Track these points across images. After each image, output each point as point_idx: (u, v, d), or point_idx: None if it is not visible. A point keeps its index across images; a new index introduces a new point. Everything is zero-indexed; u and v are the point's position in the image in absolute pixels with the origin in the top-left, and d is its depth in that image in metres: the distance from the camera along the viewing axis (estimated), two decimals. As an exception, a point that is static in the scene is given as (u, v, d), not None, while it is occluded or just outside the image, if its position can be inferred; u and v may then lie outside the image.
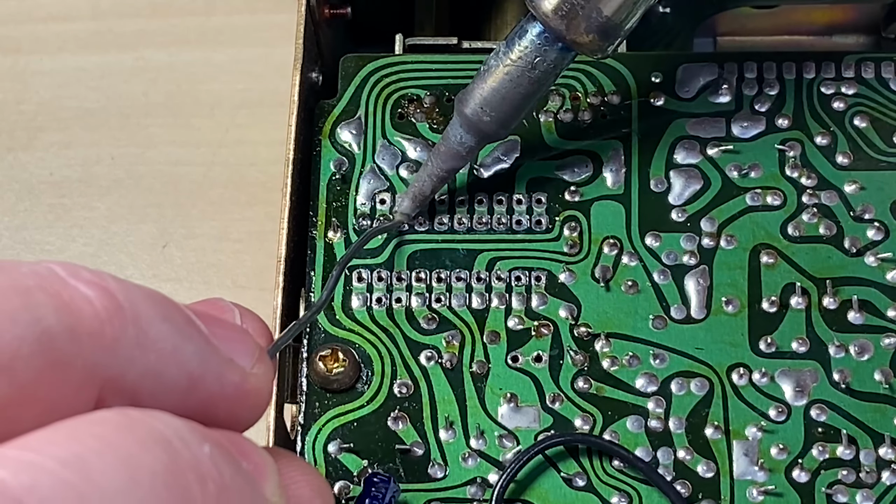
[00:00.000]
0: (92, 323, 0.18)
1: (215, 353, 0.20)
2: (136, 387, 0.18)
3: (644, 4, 0.30)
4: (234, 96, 0.43)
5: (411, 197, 0.33)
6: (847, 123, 0.34)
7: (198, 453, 0.17)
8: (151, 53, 0.44)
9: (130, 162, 0.42)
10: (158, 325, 0.19)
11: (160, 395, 0.19)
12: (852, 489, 0.30)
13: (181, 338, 0.19)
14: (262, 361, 0.21)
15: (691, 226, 0.33)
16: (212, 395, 0.20)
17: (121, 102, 0.43)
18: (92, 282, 0.18)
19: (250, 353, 0.20)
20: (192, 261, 0.41)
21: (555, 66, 0.31)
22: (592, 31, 0.29)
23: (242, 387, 0.20)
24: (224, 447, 0.18)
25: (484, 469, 0.31)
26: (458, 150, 0.32)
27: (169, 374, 0.19)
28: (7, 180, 0.42)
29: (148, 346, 0.18)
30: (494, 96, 0.31)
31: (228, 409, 0.20)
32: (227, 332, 0.20)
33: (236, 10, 0.44)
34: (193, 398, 0.19)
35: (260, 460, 0.19)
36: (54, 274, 0.18)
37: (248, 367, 0.20)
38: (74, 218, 0.41)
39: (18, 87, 0.43)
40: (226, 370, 0.20)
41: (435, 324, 0.32)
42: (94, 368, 0.18)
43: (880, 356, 0.31)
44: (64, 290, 0.18)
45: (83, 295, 0.18)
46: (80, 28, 0.44)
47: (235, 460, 0.18)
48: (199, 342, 0.19)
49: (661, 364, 0.31)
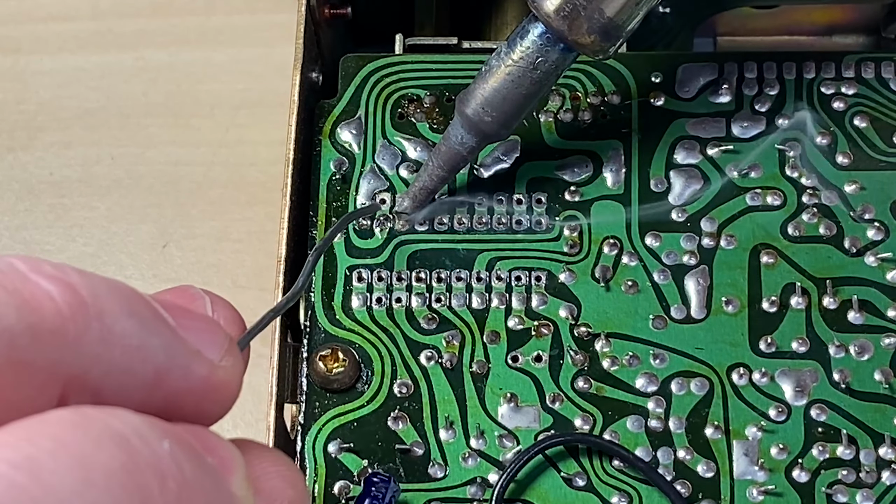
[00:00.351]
0: (54, 320, 0.17)
1: (182, 346, 0.19)
2: (101, 383, 0.18)
3: (646, 6, 0.30)
4: (234, 96, 0.43)
5: (411, 197, 0.33)
6: (847, 123, 0.34)
7: (157, 450, 0.17)
8: (151, 53, 0.44)
9: (130, 162, 0.42)
10: (124, 321, 0.18)
11: (125, 391, 0.18)
12: (852, 489, 0.30)
13: (147, 332, 0.19)
14: (232, 353, 0.20)
15: (691, 226, 0.33)
16: (178, 388, 0.19)
17: (121, 102, 0.43)
18: (54, 277, 0.18)
19: (219, 344, 0.20)
20: (192, 261, 0.41)
21: (556, 67, 0.31)
22: (594, 31, 0.29)
23: (210, 380, 0.19)
24: (186, 442, 0.17)
25: (484, 469, 0.31)
26: (459, 151, 0.32)
27: (134, 370, 0.18)
28: (7, 180, 0.42)
29: (113, 342, 0.18)
30: (496, 96, 0.31)
31: (195, 402, 0.19)
32: (195, 322, 0.20)
33: (236, 10, 0.44)
34: (159, 392, 0.19)
35: (226, 454, 0.19)
36: (14, 269, 0.17)
37: (217, 360, 0.20)
38: (74, 218, 0.41)
39: (18, 87, 0.43)
40: (193, 363, 0.19)
41: (435, 324, 0.32)
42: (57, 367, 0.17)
43: (880, 356, 0.31)
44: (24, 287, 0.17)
45: (45, 291, 0.17)
46: (80, 28, 0.44)
47: (199, 455, 0.18)
48: (165, 335, 0.19)
49: (662, 364, 0.31)
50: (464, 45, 0.36)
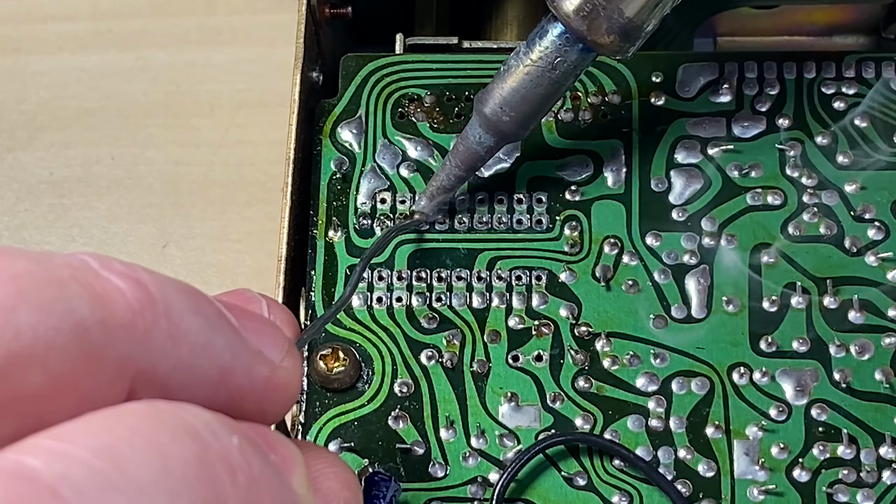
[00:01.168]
0: (125, 314, 0.18)
1: (245, 346, 0.20)
2: (168, 379, 0.18)
3: (665, 6, 0.30)
4: (234, 96, 0.43)
5: (429, 196, 0.33)
6: (847, 123, 0.34)
7: (227, 445, 0.17)
8: (151, 53, 0.44)
9: (130, 162, 0.42)
10: (190, 318, 0.19)
11: (191, 388, 0.19)
12: (853, 488, 0.30)
13: (212, 330, 0.19)
14: (292, 354, 0.21)
15: (692, 225, 0.33)
16: (241, 388, 0.19)
17: (121, 102, 0.43)
18: (124, 273, 0.18)
19: (279, 345, 0.20)
20: (192, 261, 0.41)
21: (575, 67, 0.31)
22: (614, 32, 0.29)
23: (272, 380, 0.20)
24: (252, 439, 0.18)
25: (484, 468, 0.31)
26: (477, 150, 0.32)
27: (200, 367, 0.19)
28: (7, 180, 0.42)
29: (180, 339, 0.18)
30: (514, 96, 0.31)
31: (257, 402, 0.20)
32: (257, 324, 0.20)
33: (236, 10, 0.44)
34: (223, 391, 0.19)
35: (287, 453, 0.19)
36: (87, 265, 0.18)
37: (278, 360, 0.20)
38: (74, 218, 0.41)
39: (18, 87, 0.43)
40: (256, 363, 0.20)
41: (435, 323, 0.32)
42: (127, 360, 0.18)
43: (881, 356, 0.31)
44: (97, 282, 0.18)
45: (116, 286, 0.18)
46: (80, 28, 0.44)
47: (263, 452, 0.18)
48: (229, 335, 0.19)
49: (662, 363, 0.31)
50: (464, 44, 0.36)
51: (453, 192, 0.33)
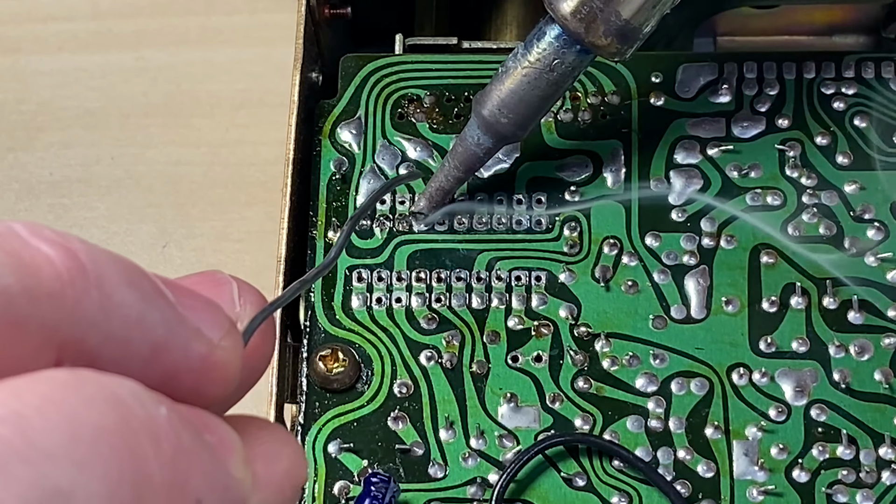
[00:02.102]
0: (52, 283, 0.17)
1: (182, 323, 0.19)
2: (97, 352, 0.18)
3: (663, 8, 0.29)
4: (234, 96, 0.43)
5: (428, 196, 0.33)
6: (847, 123, 0.34)
7: (153, 414, 0.17)
8: (151, 53, 0.44)
9: (130, 162, 0.42)
10: (123, 290, 0.18)
11: (122, 363, 0.18)
12: (852, 489, 0.30)
13: (147, 304, 0.18)
14: (232, 335, 0.20)
15: (691, 226, 0.33)
16: (176, 365, 0.19)
17: (121, 102, 0.43)
18: (54, 241, 0.17)
19: (219, 324, 0.19)
20: (192, 261, 0.41)
21: (573, 69, 0.31)
22: (611, 34, 0.29)
23: (209, 359, 0.19)
24: (185, 415, 0.17)
25: (484, 469, 0.31)
26: (476, 151, 0.32)
27: (132, 342, 0.18)
28: (7, 180, 0.42)
29: (111, 311, 0.18)
30: (512, 98, 0.31)
31: (193, 381, 0.19)
32: (196, 302, 0.19)
33: (236, 10, 0.44)
34: (156, 367, 0.19)
35: (225, 435, 0.19)
36: (14, 233, 0.17)
37: (217, 339, 0.19)
38: (74, 218, 0.41)
39: (18, 87, 0.43)
40: (192, 341, 0.19)
41: (435, 324, 0.32)
42: (53, 330, 0.17)
43: (880, 356, 0.31)
44: (24, 250, 0.17)
45: (45, 255, 0.17)
46: (80, 28, 0.44)
47: (197, 429, 0.18)
48: (165, 310, 0.19)
49: (661, 364, 0.31)
50: (464, 45, 0.36)
51: (452, 193, 0.33)
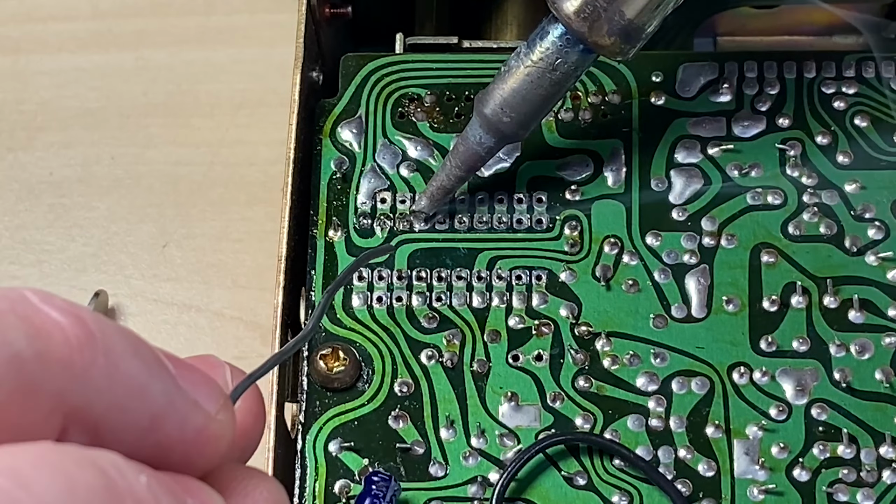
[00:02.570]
0: (62, 350, 0.17)
1: (181, 395, 0.19)
2: (100, 420, 0.18)
3: (666, 7, 0.29)
4: (234, 96, 0.43)
5: (429, 196, 0.33)
6: (847, 123, 0.34)
7: (133, 482, 0.17)
8: (151, 53, 0.44)
9: (130, 162, 0.42)
10: (129, 360, 0.18)
11: (121, 431, 0.19)
12: (853, 488, 0.30)
13: (150, 375, 0.19)
14: (227, 409, 0.20)
15: (692, 225, 0.33)
16: (172, 436, 0.19)
17: (121, 102, 0.43)
18: (65, 309, 0.18)
19: (215, 398, 0.20)
20: (192, 261, 0.41)
21: (576, 68, 0.31)
22: (614, 33, 0.29)
23: (204, 431, 0.20)
24: (164, 481, 0.18)
25: (485, 468, 0.31)
26: (478, 151, 0.32)
27: (133, 411, 0.19)
28: (7, 180, 0.42)
29: (117, 379, 0.18)
30: (514, 97, 0.31)
31: (186, 452, 0.20)
32: (194, 375, 0.20)
33: (236, 10, 0.44)
34: (153, 437, 0.19)
35: (206, 497, 0.19)
36: (26, 299, 0.18)
37: (213, 412, 0.20)
38: (74, 218, 0.41)
39: (18, 87, 0.43)
40: (190, 413, 0.19)
41: (436, 323, 0.32)
42: (62, 396, 0.17)
43: (881, 355, 0.31)
44: (36, 316, 0.17)
45: (55, 321, 0.18)
46: (80, 28, 0.44)
47: (177, 493, 0.18)
48: (166, 382, 0.19)
49: (662, 363, 0.31)
50: (464, 44, 0.36)
51: (453, 192, 0.33)
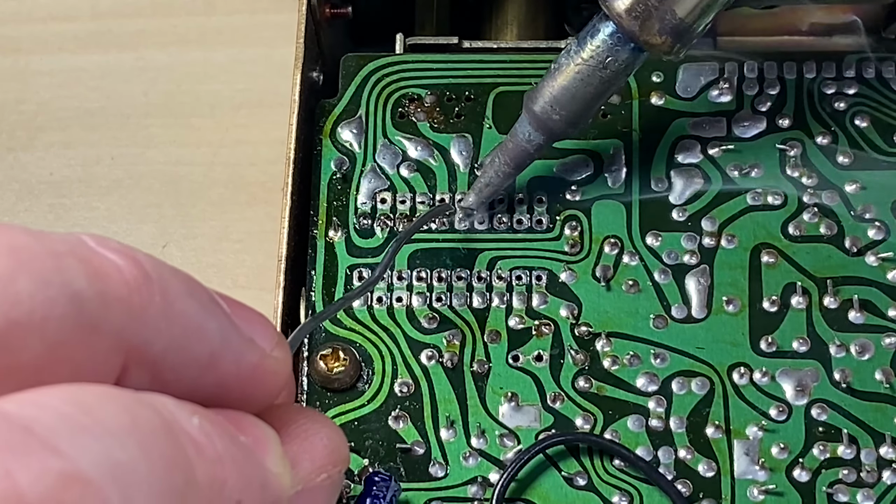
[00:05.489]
0: (120, 289, 0.18)
1: (237, 332, 0.20)
2: (159, 359, 0.19)
3: (716, 7, 0.29)
4: (234, 96, 0.43)
5: (476, 192, 0.33)
6: (848, 123, 0.34)
7: (186, 423, 0.17)
8: (151, 53, 0.44)
9: (130, 162, 0.42)
10: (184, 300, 0.19)
11: (180, 370, 0.19)
12: (853, 488, 0.30)
13: (205, 314, 0.19)
14: (282, 346, 0.21)
15: (692, 225, 0.33)
16: (229, 373, 0.20)
17: (121, 102, 0.43)
18: (121, 251, 0.18)
19: (270, 336, 0.21)
20: (192, 261, 0.41)
21: (626, 67, 0.31)
22: (665, 32, 0.29)
23: (260, 368, 0.20)
24: (216, 420, 0.18)
25: (485, 468, 0.31)
26: (526, 148, 0.32)
27: (191, 349, 0.19)
28: (7, 180, 0.42)
29: (173, 319, 0.19)
30: (564, 95, 0.31)
31: (244, 388, 0.20)
32: (249, 314, 0.21)
33: (236, 10, 0.44)
34: (211, 375, 0.20)
35: (259, 433, 0.19)
36: (83, 243, 0.18)
37: (268, 349, 0.20)
38: (74, 218, 0.41)
39: (18, 87, 0.43)
40: (246, 350, 0.20)
41: (436, 323, 0.32)
42: (121, 335, 0.18)
43: (881, 356, 0.31)
44: (94, 257, 0.18)
45: (112, 262, 0.18)
46: (80, 28, 0.44)
47: (230, 431, 0.18)
48: (222, 320, 0.20)
49: (662, 363, 0.31)
50: (464, 44, 0.36)
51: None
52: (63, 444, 0.15)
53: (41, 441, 0.15)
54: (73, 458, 0.15)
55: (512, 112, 0.34)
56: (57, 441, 0.15)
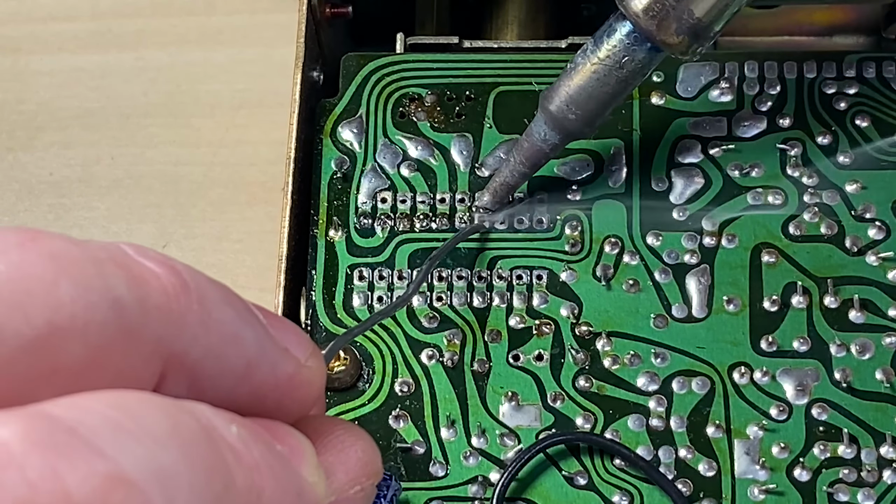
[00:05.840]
0: (159, 297, 0.18)
1: (272, 342, 0.20)
2: (197, 367, 0.19)
3: (735, 6, 0.29)
4: (234, 96, 0.43)
5: (492, 192, 0.33)
6: (848, 123, 0.34)
7: (224, 431, 0.18)
8: (151, 53, 0.44)
9: (130, 162, 0.42)
10: (222, 308, 0.19)
11: (217, 378, 0.19)
12: (853, 488, 0.30)
13: (242, 323, 0.19)
14: (316, 356, 0.21)
15: (692, 225, 0.33)
16: (265, 383, 0.20)
17: (121, 102, 0.43)
18: (159, 260, 0.19)
19: (305, 346, 0.21)
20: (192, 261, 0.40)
21: (643, 67, 0.30)
22: (683, 32, 0.29)
23: (295, 378, 0.20)
24: (253, 429, 0.18)
25: (485, 468, 0.31)
26: (542, 147, 0.32)
27: (228, 358, 0.19)
28: (7, 180, 0.42)
29: (211, 327, 0.19)
30: (580, 94, 0.31)
31: (279, 398, 0.20)
32: (283, 324, 0.21)
33: (236, 10, 0.44)
34: (247, 384, 0.20)
35: (295, 443, 0.20)
36: (122, 251, 0.18)
37: (303, 360, 0.21)
38: (74, 218, 0.41)
39: (18, 87, 0.43)
40: (281, 359, 0.20)
41: (436, 322, 0.32)
42: (160, 341, 0.18)
43: (881, 355, 0.31)
44: (133, 264, 0.18)
45: (151, 270, 0.18)
46: (80, 28, 0.44)
47: (267, 441, 0.19)
48: (258, 329, 0.20)
49: (663, 363, 0.31)
50: (465, 44, 0.36)
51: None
52: (108, 447, 0.15)
53: (87, 443, 0.15)
54: (118, 460, 0.15)
55: (512, 112, 0.34)
56: (102, 444, 0.15)
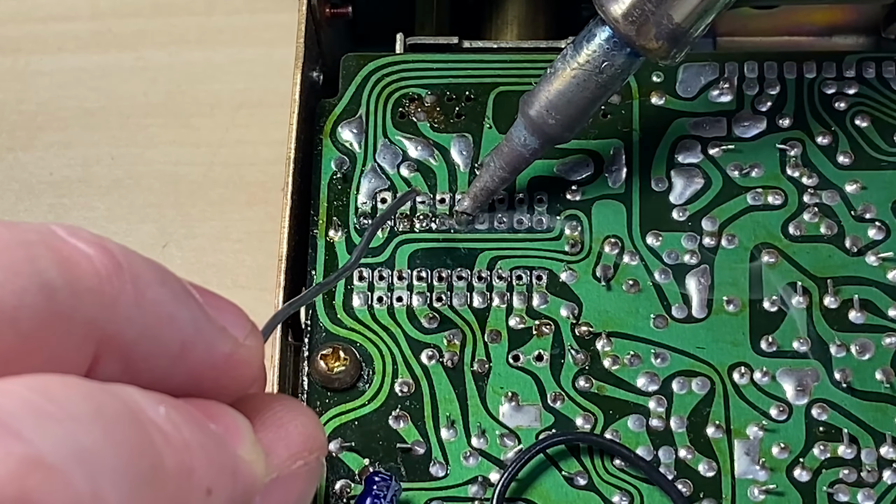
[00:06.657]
0: (91, 279, 0.18)
1: (209, 322, 0.20)
2: (131, 348, 0.19)
3: (713, 11, 0.29)
4: (234, 96, 0.43)
5: (472, 196, 0.32)
6: (848, 123, 0.34)
7: (151, 412, 0.17)
8: (151, 53, 0.44)
9: (130, 162, 0.42)
10: (156, 288, 0.19)
11: (152, 359, 0.19)
12: (853, 488, 0.30)
13: (177, 303, 0.19)
14: (255, 335, 0.21)
15: (692, 225, 0.33)
16: (202, 362, 0.20)
17: (121, 102, 0.43)
18: (91, 241, 0.18)
19: (242, 325, 0.21)
20: (192, 261, 0.41)
21: (622, 72, 0.30)
22: (662, 37, 0.29)
23: (232, 357, 0.20)
24: (183, 409, 0.18)
25: (485, 468, 0.31)
26: (522, 152, 0.32)
27: (163, 338, 0.19)
28: (7, 180, 0.42)
29: (145, 308, 0.19)
30: (560, 99, 0.31)
31: (216, 378, 0.20)
32: (221, 303, 0.21)
33: (236, 10, 0.44)
34: (183, 364, 0.20)
35: (230, 420, 0.19)
36: (54, 233, 0.18)
37: (241, 338, 0.20)
38: (74, 218, 0.41)
39: (18, 87, 0.43)
40: (218, 339, 0.20)
41: (436, 323, 0.32)
42: (93, 324, 0.18)
43: (881, 355, 0.31)
44: (64, 247, 0.18)
45: (83, 252, 0.18)
46: (80, 28, 0.44)
47: (198, 420, 0.18)
48: (194, 309, 0.20)
49: (663, 363, 0.31)
50: (464, 44, 0.36)
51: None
52: (26, 430, 0.15)
53: (3, 426, 0.15)
54: (36, 443, 0.15)
55: (512, 112, 0.34)
56: (20, 426, 0.15)
